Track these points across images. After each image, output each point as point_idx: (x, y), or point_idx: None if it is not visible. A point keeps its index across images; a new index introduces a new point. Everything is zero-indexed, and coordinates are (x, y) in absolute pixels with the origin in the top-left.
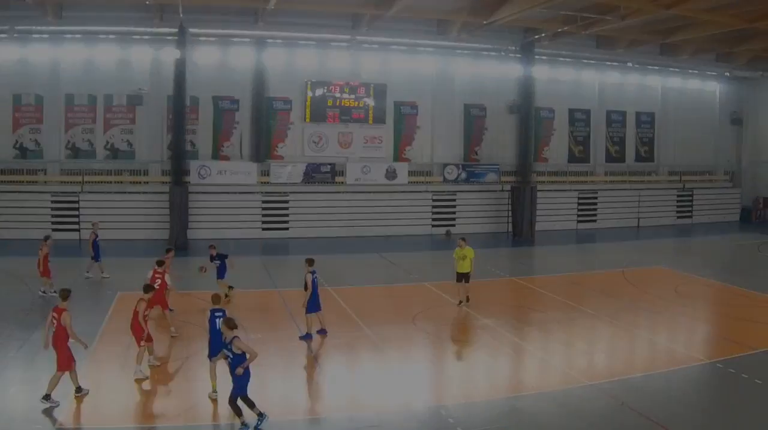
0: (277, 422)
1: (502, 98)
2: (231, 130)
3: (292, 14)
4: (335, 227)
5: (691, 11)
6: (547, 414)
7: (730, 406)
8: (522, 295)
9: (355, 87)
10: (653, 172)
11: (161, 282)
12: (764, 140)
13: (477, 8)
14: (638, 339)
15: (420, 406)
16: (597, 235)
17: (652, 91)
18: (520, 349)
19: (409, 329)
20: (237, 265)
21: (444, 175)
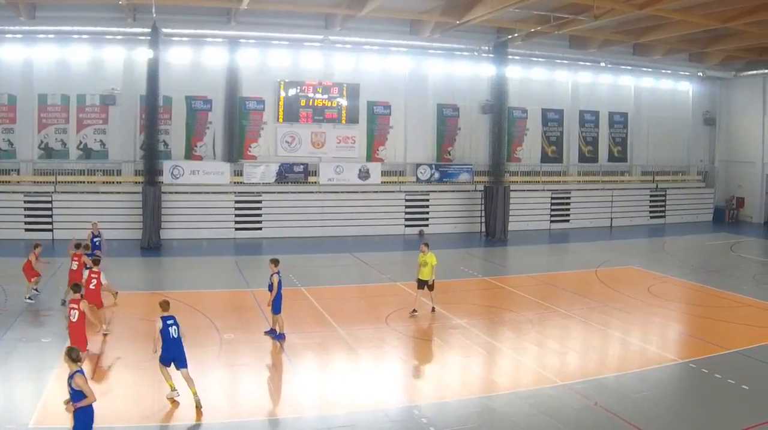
0: (248, 422)
1: (475, 98)
2: (204, 130)
3: (265, 14)
4: (308, 226)
5: (663, 11)
6: (519, 414)
7: (703, 406)
8: (495, 295)
9: (328, 87)
10: (626, 172)
11: (96, 282)
12: (737, 140)
13: (450, 8)
14: (611, 339)
15: (393, 406)
16: (570, 235)
17: (625, 91)
18: (492, 349)
19: (382, 329)
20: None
21: (417, 175)
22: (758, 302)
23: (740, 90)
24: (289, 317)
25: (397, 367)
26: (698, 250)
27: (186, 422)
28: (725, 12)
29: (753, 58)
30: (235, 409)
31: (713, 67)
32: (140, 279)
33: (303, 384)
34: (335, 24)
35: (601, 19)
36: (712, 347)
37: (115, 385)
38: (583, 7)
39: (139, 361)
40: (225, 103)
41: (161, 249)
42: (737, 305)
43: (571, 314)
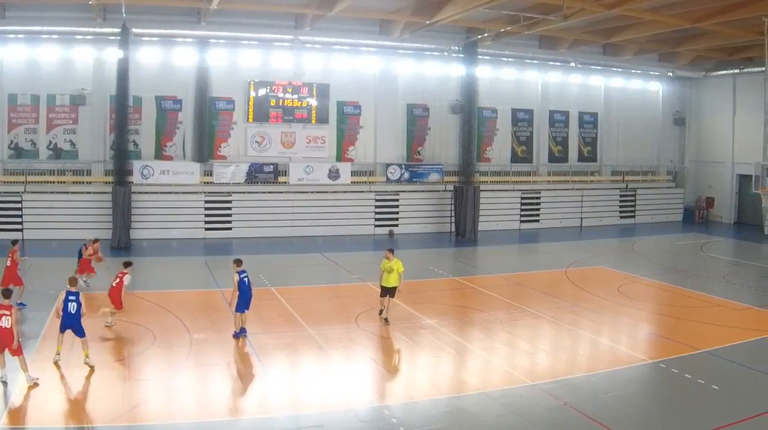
0: (219, 422)
1: (445, 98)
2: (174, 130)
3: (235, 14)
4: (278, 226)
5: (633, 11)
6: (489, 414)
7: (673, 406)
8: (465, 295)
9: (297, 87)
10: (596, 172)
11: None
12: (707, 140)
13: (419, 8)
14: (581, 339)
15: (362, 406)
16: (540, 235)
17: (595, 91)
18: (462, 349)
19: (352, 329)
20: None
21: (387, 175)
22: (728, 302)
23: (710, 90)
24: (259, 316)
25: (367, 367)
26: (668, 250)
27: (156, 422)
28: (695, 12)
29: (723, 58)
30: (204, 409)
31: (683, 67)
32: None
33: (273, 384)
34: (305, 24)
35: (571, 19)
36: (682, 347)
37: (85, 385)
38: (553, 7)
39: (109, 361)
40: (195, 103)
41: (131, 249)
42: (707, 305)
43: (541, 314)
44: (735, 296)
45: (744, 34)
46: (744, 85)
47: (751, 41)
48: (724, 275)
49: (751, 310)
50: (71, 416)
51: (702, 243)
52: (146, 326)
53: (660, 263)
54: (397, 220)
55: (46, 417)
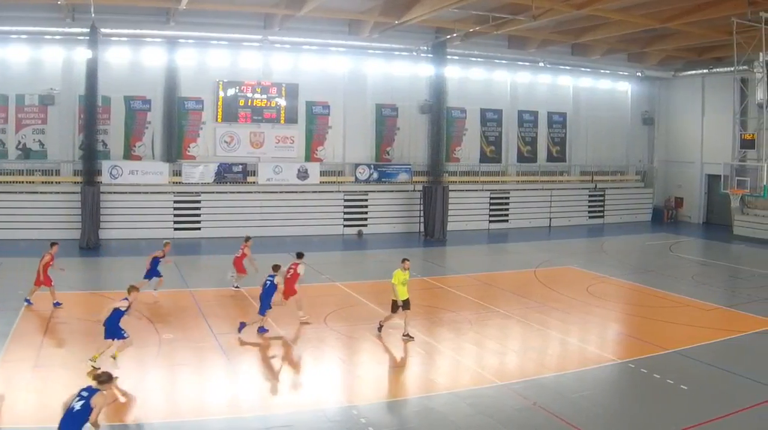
0: (188, 422)
1: (414, 98)
2: (143, 130)
3: (204, 14)
4: (247, 226)
5: (602, 11)
6: (458, 414)
7: (642, 406)
8: (434, 295)
9: (266, 87)
10: (565, 172)
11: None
12: (676, 140)
13: (388, 8)
14: (550, 339)
15: (332, 406)
16: (509, 235)
17: (563, 91)
18: (431, 349)
19: (321, 329)
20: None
21: (356, 175)
22: (697, 302)
23: (679, 90)
24: (228, 316)
25: (336, 367)
26: (637, 250)
27: (125, 422)
28: (664, 12)
29: (692, 58)
30: (174, 409)
31: (652, 67)
32: (79, 279)
33: (242, 384)
34: (274, 24)
35: (539, 19)
36: (651, 347)
37: (53, 384)
38: (521, 7)
39: (79, 360)
40: (164, 103)
41: (100, 249)
42: (676, 305)
43: (510, 314)
44: (704, 296)
45: (713, 34)
46: (713, 85)
47: (719, 41)
48: (693, 274)
49: (720, 310)
50: (39, 417)
51: (671, 243)
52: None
53: (629, 263)
54: (365, 220)
55: (16, 418)
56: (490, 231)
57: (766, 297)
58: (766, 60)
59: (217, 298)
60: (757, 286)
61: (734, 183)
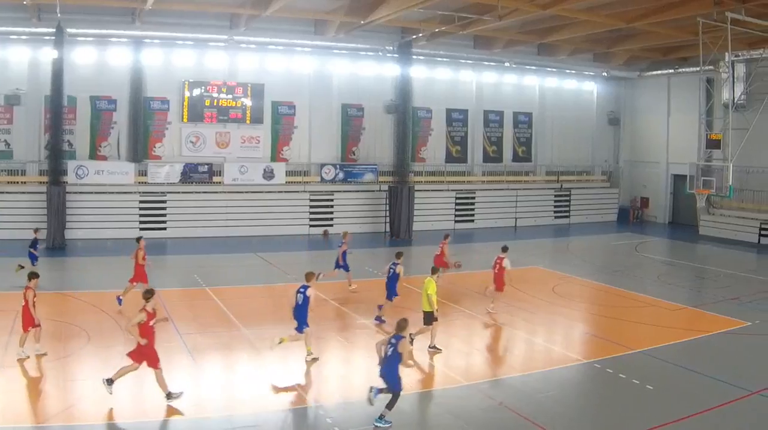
0: (154, 422)
1: (380, 98)
2: (109, 130)
3: (170, 14)
4: (213, 226)
5: (568, 11)
6: (425, 414)
7: (608, 406)
8: (401, 295)
9: (232, 87)
10: (531, 172)
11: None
12: (641, 140)
13: (354, 8)
14: (516, 339)
15: (298, 406)
16: (474, 235)
17: (529, 91)
18: None
19: (287, 329)
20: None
21: (321, 175)
22: (662, 302)
23: (645, 90)
24: (194, 317)
25: (303, 367)
26: (603, 250)
27: (91, 422)
28: (630, 12)
29: (657, 58)
30: (141, 409)
31: (618, 67)
32: (45, 279)
33: (208, 384)
34: (240, 24)
35: (505, 20)
36: (617, 347)
37: (18, 385)
38: (487, 7)
39: (43, 361)
40: (129, 103)
41: (66, 249)
42: (642, 305)
43: (476, 315)
44: (669, 296)
45: (678, 34)
46: (678, 85)
47: (685, 41)
48: (659, 274)
49: (686, 310)
50: (5, 416)
51: (636, 243)
52: (81, 326)
53: (594, 263)
54: (331, 220)
55: None
56: (456, 231)
57: (732, 297)
58: (731, 60)
59: (183, 298)
60: (723, 286)
61: (700, 183)
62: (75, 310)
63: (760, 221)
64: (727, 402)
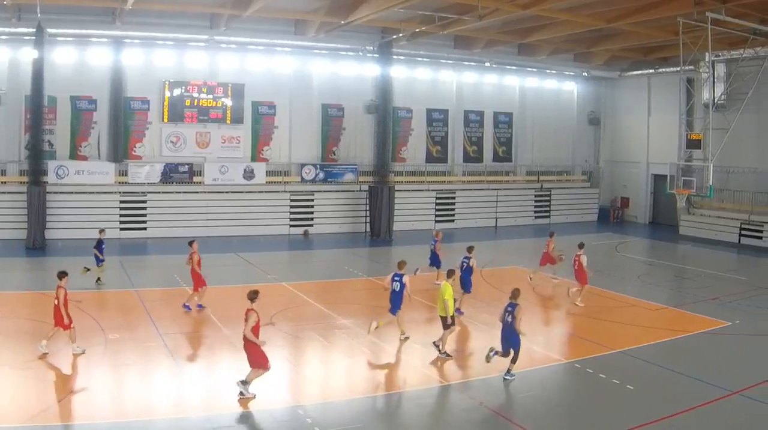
0: (134, 422)
1: (360, 98)
2: (89, 130)
3: (150, 14)
4: (193, 226)
5: (548, 11)
6: (404, 414)
7: (589, 406)
8: (379, 295)
9: (212, 87)
10: (511, 172)
11: None
12: (621, 140)
13: (335, 8)
14: (496, 339)
15: (278, 406)
16: (455, 235)
17: (510, 91)
18: (378, 349)
19: (267, 329)
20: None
21: (302, 175)
22: (643, 302)
23: (625, 90)
24: (175, 316)
25: (283, 367)
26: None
27: (71, 422)
28: (610, 12)
29: (638, 58)
30: (120, 409)
31: (598, 67)
32: (25, 279)
33: (188, 384)
34: (220, 24)
35: (485, 20)
36: (597, 347)
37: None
38: (467, 7)
39: (25, 361)
40: (110, 103)
41: (46, 249)
42: (622, 305)
43: (456, 314)
44: (650, 296)
45: (659, 34)
46: (659, 85)
47: (666, 41)
48: (639, 274)
49: (666, 310)
50: None
51: (617, 243)
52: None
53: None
54: (312, 220)
55: None
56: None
57: (712, 297)
58: (712, 60)
59: (163, 298)
60: (703, 286)
61: (680, 183)
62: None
63: (740, 221)
64: (708, 402)
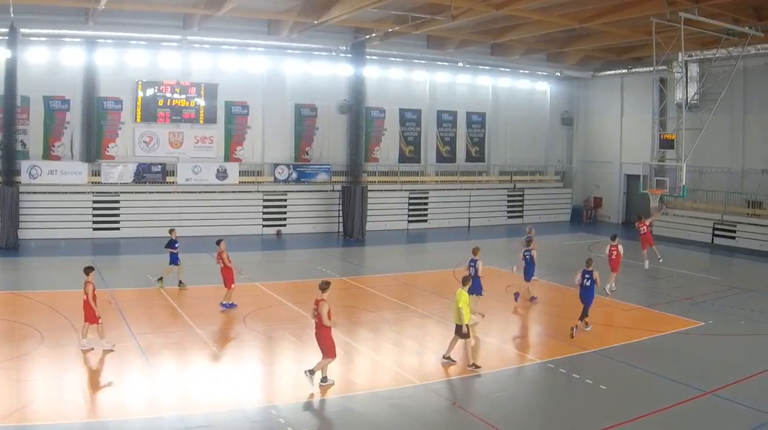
0: (107, 421)
1: (333, 98)
2: (62, 130)
3: (123, 14)
4: (166, 226)
5: (521, 11)
6: (378, 414)
7: (562, 406)
8: (352, 295)
9: (186, 87)
10: (484, 172)
11: None
12: (595, 140)
13: (308, 8)
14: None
15: (251, 406)
16: (428, 235)
17: (483, 91)
18: (351, 349)
19: (240, 329)
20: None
21: (275, 175)
22: (615, 302)
23: (598, 90)
24: (148, 316)
25: (256, 367)
26: (556, 250)
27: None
28: (583, 12)
29: (611, 58)
30: (93, 409)
31: (571, 67)
32: None
33: (161, 384)
34: (193, 24)
35: (458, 19)
36: (571, 348)
37: None
38: (440, 7)
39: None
40: (83, 103)
41: (19, 249)
42: (595, 305)
43: (429, 314)
44: (623, 296)
45: (632, 34)
46: (632, 85)
47: (639, 41)
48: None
49: (639, 310)
50: None
51: (589, 243)
52: (34, 326)
53: (548, 263)
54: (285, 220)
55: None
56: (409, 231)
57: (685, 297)
58: (685, 60)
59: (136, 298)
60: (676, 286)
61: (653, 183)
62: (28, 310)
63: (713, 221)
64: (681, 402)
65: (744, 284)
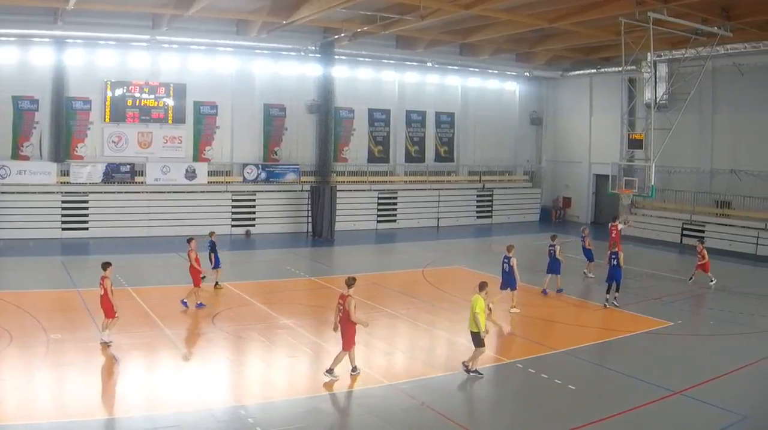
0: (76, 421)
1: (302, 98)
2: (30, 131)
3: (92, 14)
4: (135, 226)
5: (490, 11)
6: (346, 414)
7: (531, 406)
8: (321, 295)
9: (155, 87)
10: (453, 172)
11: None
12: (564, 140)
13: (276, 8)
14: (438, 339)
15: (219, 406)
16: (397, 235)
17: (452, 91)
18: (319, 349)
19: (209, 329)
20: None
21: (244, 175)
22: (585, 302)
23: (567, 90)
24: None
25: (224, 367)
26: (525, 250)
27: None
28: (552, 12)
29: (580, 58)
30: (61, 409)
31: (540, 67)
32: None
33: (130, 384)
34: (162, 24)
35: (427, 19)
36: (539, 348)
37: None
38: (409, 7)
39: None
40: (52, 103)
41: None
42: (564, 305)
43: (398, 314)
44: (592, 296)
45: (600, 34)
46: (601, 85)
47: (607, 41)
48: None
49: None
50: None
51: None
52: (2, 326)
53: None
54: (254, 220)
55: None
56: (378, 231)
57: (654, 297)
58: (654, 60)
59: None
60: (645, 286)
61: (622, 183)
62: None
63: (682, 221)
64: (650, 402)
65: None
